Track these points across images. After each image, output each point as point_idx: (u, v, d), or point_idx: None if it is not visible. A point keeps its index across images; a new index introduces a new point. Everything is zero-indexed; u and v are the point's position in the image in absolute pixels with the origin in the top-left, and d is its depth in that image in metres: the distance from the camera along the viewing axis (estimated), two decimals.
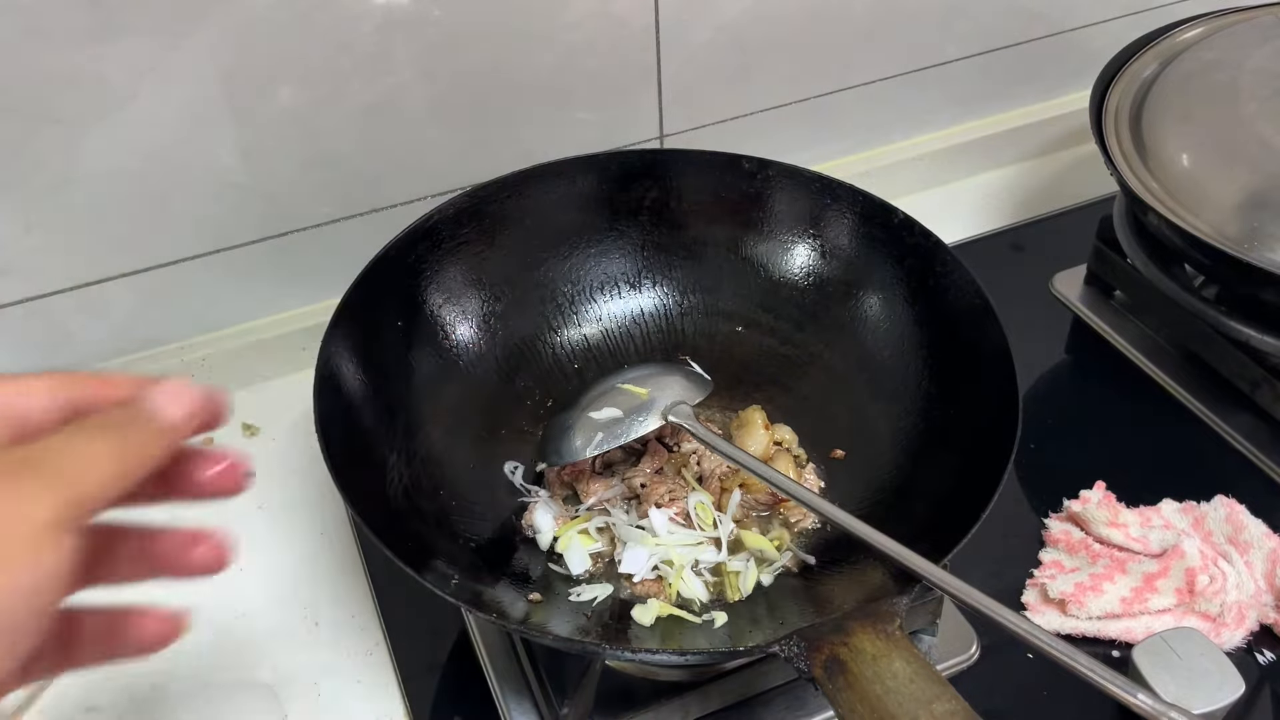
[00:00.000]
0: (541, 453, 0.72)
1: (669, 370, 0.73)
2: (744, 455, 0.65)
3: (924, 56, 0.98)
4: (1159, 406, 0.84)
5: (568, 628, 0.63)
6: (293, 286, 0.87)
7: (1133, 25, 0.96)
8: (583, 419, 0.70)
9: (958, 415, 0.68)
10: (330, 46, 0.76)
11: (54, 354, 0.82)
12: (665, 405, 0.69)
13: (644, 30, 0.85)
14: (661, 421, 0.68)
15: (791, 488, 0.62)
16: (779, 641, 0.52)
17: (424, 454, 0.69)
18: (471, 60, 0.81)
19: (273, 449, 0.84)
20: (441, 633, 0.70)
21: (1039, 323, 0.91)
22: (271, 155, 0.79)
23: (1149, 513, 0.73)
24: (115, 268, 0.80)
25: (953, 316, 0.70)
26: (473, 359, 0.76)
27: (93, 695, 0.68)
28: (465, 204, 0.75)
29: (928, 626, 0.67)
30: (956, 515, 0.58)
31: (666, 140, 0.93)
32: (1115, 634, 0.67)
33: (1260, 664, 0.66)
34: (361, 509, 0.58)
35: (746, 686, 0.65)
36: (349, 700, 0.67)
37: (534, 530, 0.69)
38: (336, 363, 0.66)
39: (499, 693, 0.65)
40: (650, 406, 0.69)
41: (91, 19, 0.68)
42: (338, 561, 0.76)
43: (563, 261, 0.79)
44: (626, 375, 0.72)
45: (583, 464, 0.72)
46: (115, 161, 0.75)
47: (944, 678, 0.49)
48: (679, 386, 0.71)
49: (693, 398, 0.70)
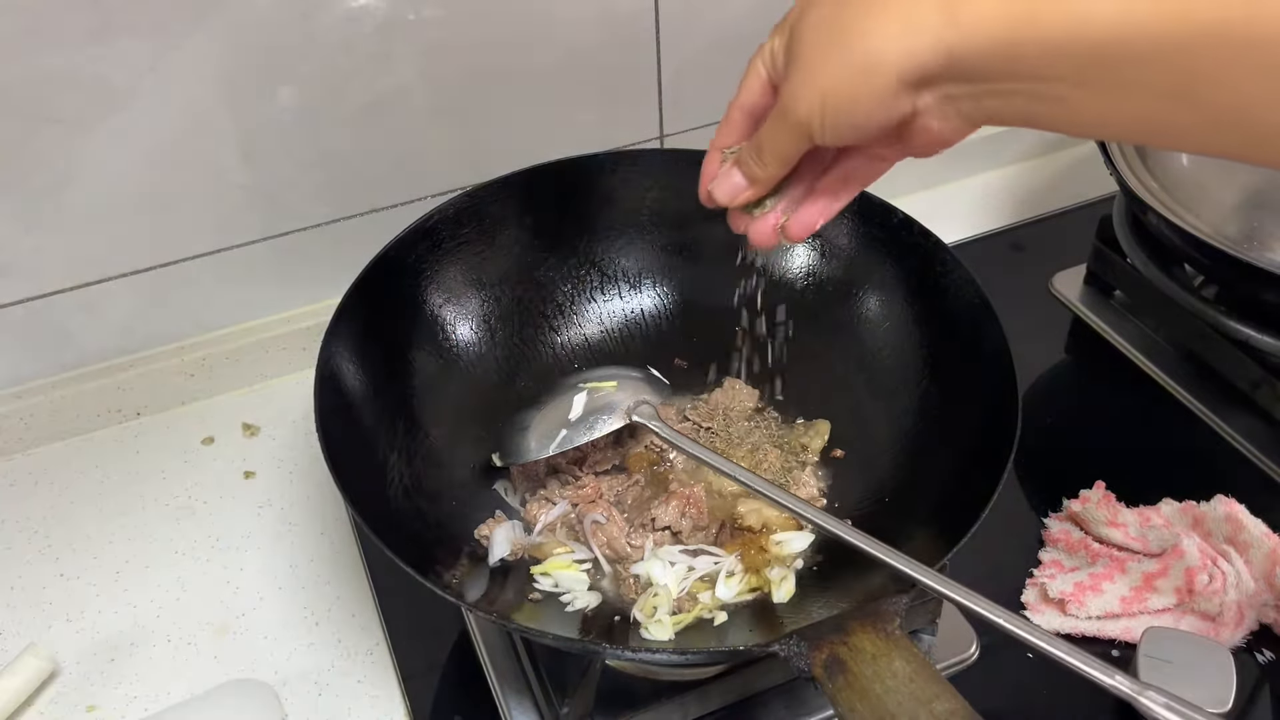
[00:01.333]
0: (500, 449, 0.71)
1: (631, 372, 0.73)
2: (709, 454, 0.64)
3: None
4: (1159, 406, 0.84)
5: (568, 628, 0.63)
6: (293, 286, 0.87)
7: None
8: (544, 417, 0.70)
9: (957, 415, 0.68)
10: (330, 46, 0.76)
11: (54, 354, 0.82)
12: (629, 404, 0.69)
13: (644, 30, 0.85)
14: (625, 420, 0.68)
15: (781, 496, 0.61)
16: (779, 641, 0.52)
17: (424, 454, 0.70)
18: (471, 60, 0.81)
19: (273, 449, 0.84)
20: (441, 633, 0.70)
21: (1039, 323, 0.91)
22: (271, 155, 0.79)
23: (1148, 512, 0.73)
24: (115, 268, 0.80)
25: (952, 316, 0.70)
26: (473, 359, 0.76)
27: (93, 695, 0.68)
28: (465, 204, 0.75)
29: (927, 626, 0.67)
30: (956, 515, 0.58)
31: (666, 140, 0.93)
32: (1115, 633, 0.67)
33: (1260, 663, 0.66)
34: (361, 509, 0.58)
35: (746, 686, 0.65)
36: (349, 700, 0.68)
37: (488, 543, 0.68)
38: (336, 363, 0.66)
39: (499, 693, 0.65)
40: (614, 406, 0.69)
41: (91, 19, 0.68)
42: (338, 561, 0.76)
43: (563, 261, 0.79)
44: (589, 375, 0.73)
45: (533, 467, 0.72)
46: (115, 161, 0.75)
47: (943, 677, 0.49)
48: (642, 387, 0.71)
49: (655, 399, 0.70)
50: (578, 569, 0.66)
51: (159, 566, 0.76)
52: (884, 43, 0.44)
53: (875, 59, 0.44)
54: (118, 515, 0.80)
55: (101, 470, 0.83)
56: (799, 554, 0.67)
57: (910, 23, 0.44)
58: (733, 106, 0.54)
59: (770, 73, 0.51)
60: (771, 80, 0.52)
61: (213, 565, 0.76)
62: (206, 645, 0.71)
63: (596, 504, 0.69)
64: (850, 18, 0.45)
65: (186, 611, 0.73)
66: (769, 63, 0.51)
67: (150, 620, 0.73)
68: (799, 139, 0.49)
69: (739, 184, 0.54)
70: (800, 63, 0.47)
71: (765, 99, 0.52)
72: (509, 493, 0.72)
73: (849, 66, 0.45)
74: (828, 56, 0.46)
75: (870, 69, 0.45)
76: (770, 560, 0.66)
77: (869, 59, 0.45)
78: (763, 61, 0.52)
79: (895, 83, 0.45)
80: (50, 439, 0.84)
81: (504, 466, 0.71)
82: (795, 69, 0.48)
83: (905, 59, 0.44)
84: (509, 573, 0.66)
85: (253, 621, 0.72)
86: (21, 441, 0.84)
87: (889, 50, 0.44)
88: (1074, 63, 0.42)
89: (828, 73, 0.46)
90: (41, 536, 0.78)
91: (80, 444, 0.85)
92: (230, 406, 0.88)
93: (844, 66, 0.45)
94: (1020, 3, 0.42)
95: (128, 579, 0.75)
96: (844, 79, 0.46)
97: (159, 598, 0.74)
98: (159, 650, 0.71)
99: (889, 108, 0.46)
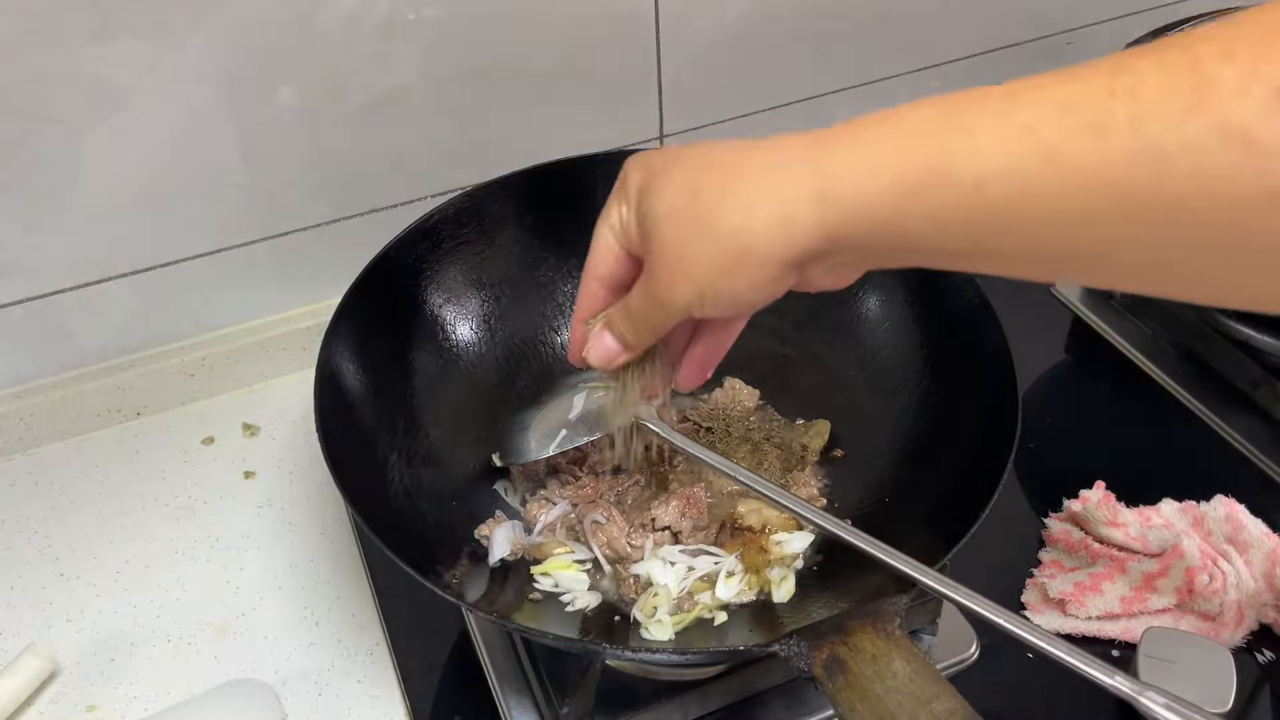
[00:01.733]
0: (500, 450, 0.72)
1: None
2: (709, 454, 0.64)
3: (924, 56, 0.98)
4: (1159, 406, 0.84)
5: (568, 628, 0.63)
6: (293, 286, 0.87)
7: (1133, 25, 0.96)
8: (544, 417, 0.70)
9: (957, 415, 0.68)
10: (330, 46, 0.76)
11: (54, 354, 0.82)
12: None
13: (644, 30, 0.85)
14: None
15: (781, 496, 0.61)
16: (779, 641, 0.52)
17: (424, 454, 0.70)
18: (471, 60, 0.81)
19: (273, 449, 0.84)
20: (441, 633, 0.70)
21: (1039, 323, 0.91)
22: (271, 155, 0.79)
23: (1148, 512, 0.73)
24: (115, 268, 0.80)
25: (952, 316, 0.70)
26: (473, 359, 0.76)
27: (93, 695, 0.68)
28: (465, 204, 0.75)
29: (927, 625, 0.67)
30: (956, 515, 0.58)
31: (666, 140, 0.93)
32: (1115, 633, 0.67)
33: (1260, 663, 0.66)
34: (361, 509, 0.58)
35: (746, 686, 0.65)
36: (349, 700, 0.67)
37: (487, 543, 0.68)
38: (336, 363, 0.66)
39: (499, 693, 0.65)
40: None
41: (91, 19, 0.68)
42: (338, 561, 0.76)
43: (563, 261, 0.79)
44: (589, 375, 0.73)
45: (533, 467, 0.71)
46: (115, 161, 0.75)
47: (944, 677, 0.49)
48: None
49: None
50: (578, 569, 0.66)
51: (159, 566, 0.76)
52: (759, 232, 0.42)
53: (752, 250, 0.42)
54: (118, 515, 0.80)
55: (101, 470, 0.83)
56: (799, 554, 0.67)
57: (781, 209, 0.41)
58: (588, 278, 0.52)
59: (623, 243, 0.50)
60: (625, 249, 0.50)
61: (213, 565, 0.76)
62: (206, 645, 0.71)
63: (596, 504, 0.69)
64: (711, 207, 0.43)
65: (186, 611, 0.73)
66: (620, 235, 0.49)
67: (150, 620, 0.73)
68: (674, 318, 0.48)
69: (612, 348, 0.53)
70: (666, 254, 0.45)
71: (621, 267, 0.51)
72: (509, 493, 0.72)
73: (723, 255, 0.43)
74: (699, 248, 0.44)
75: (747, 258, 0.43)
76: (770, 560, 0.66)
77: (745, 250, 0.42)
78: (612, 233, 0.50)
79: (778, 268, 0.43)
80: (50, 439, 0.85)
81: (504, 466, 0.71)
82: (660, 259, 0.46)
83: (785, 249, 0.42)
84: (509, 573, 0.66)
85: (253, 621, 0.72)
86: (21, 441, 0.84)
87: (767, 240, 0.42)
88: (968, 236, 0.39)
89: (701, 264, 0.44)
90: (41, 536, 0.78)
91: (80, 444, 0.85)
92: (230, 406, 0.88)
93: (719, 256, 0.43)
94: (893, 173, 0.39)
95: (128, 579, 0.75)
96: (720, 268, 0.44)
97: (159, 598, 0.74)
98: (159, 650, 0.71)
99: (772, 288, 0.44)
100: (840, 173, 0.40)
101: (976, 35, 0.99)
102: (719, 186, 0.43)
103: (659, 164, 0.46)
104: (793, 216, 0.41)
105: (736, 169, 0.43)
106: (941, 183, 0.38)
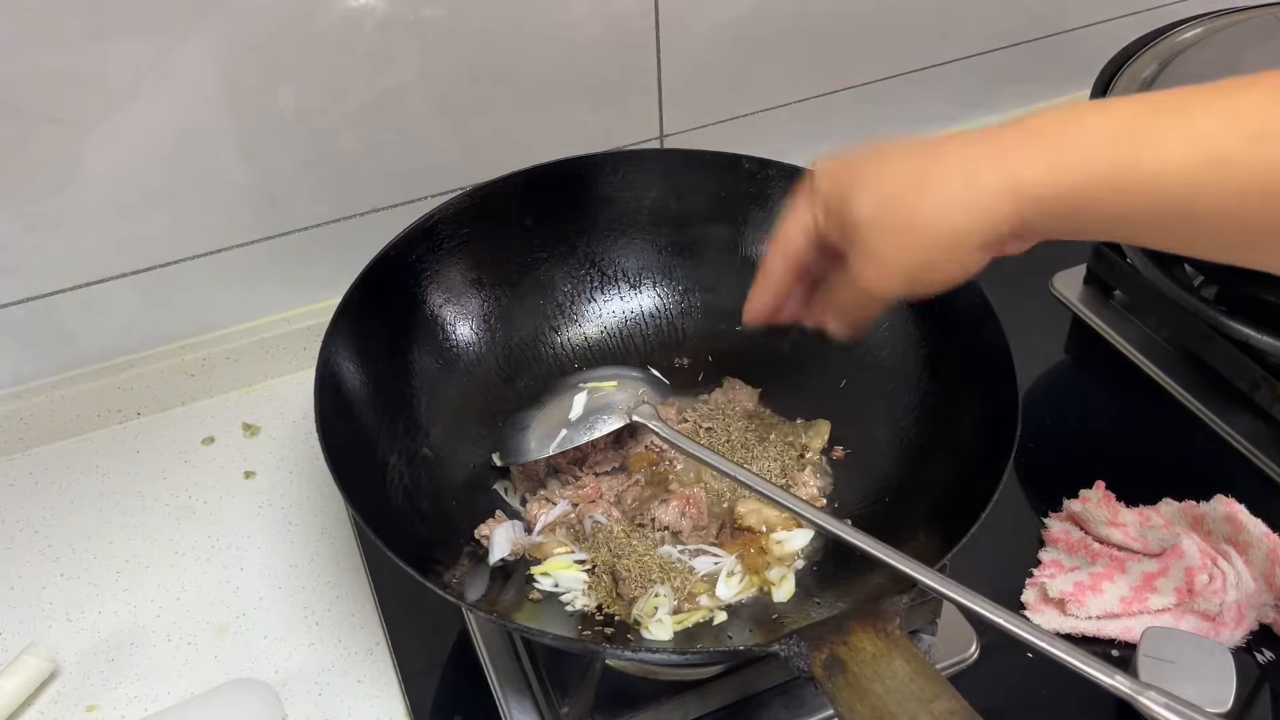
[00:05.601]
0: (500, 449, 0.72)
1: (631, 372, 0.74)
2: (709, 454, 0.64)
3: (923, 56, 0.98)
4: (1159, 406, 0.84)
5: (568, 628, 0.63)
6: (293, 286, 0.87)
7: (1132, 25, 0.96)
8: (544, 417, 0.70)
9: (958, 415, 0.68)
10: (330, 46, 0.76)
11: (54, 354, 0.82)
12: (629, 404, 0.69)
13: (644, 30, 0.85)
14: (625, 420, 0.68)
15: (781, 496, 0.61)
16: (779, 641, 0.52)
17: (424, 454, 0.70)
18: (472, 60, 0.81)
19: (273, 449, 0.84)
20: (441, 633, 0.70)
21: (1039, 323, 0.91)
22: (272, 155, 0.79)
23: (1148, 512, 0.73)
24: (115, 268, 0.80)
25: (952, 316, 0.70)
26: (473, 359, 0.76)
27: (93, 695, 0.68)
28: (465, 204, 0.75)
29: (927, 625, 0.67)
30: (956, 515, 0.58)
31: (666, 140, 0.93)
32: (1115, 633, 0.67)
33: (1260, 663, 0.66)
34: (361, 509, 0.58)
35: (746, 686, 0.65)
36: (349, 700, 0.68)
37: (488, 543, 0.68)
38: (336, 363, 0.66)
39: (499, 693, 0.65)
40: (614, 406, 0.69)
41: (91, 19, 0.68)
42: (338, 561, 0.76)
43: (563, 261, 0.79)
44: (589, 375, 0.73)
45: (533, 467, 0.72)
46: (116, 161, 0.75)
47: (943, 677, 0.49)
48: (642, 387, 0.71)
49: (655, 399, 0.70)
50: (578, 569, 0.66)
51: (159, 566, 0.76)
52: (967, 226, 0.48)
53: (954, 237, 0.49)
54: (118, 515, 0.80)
55: (101, 470, 0.83)
56: (799, 552, 0.67)
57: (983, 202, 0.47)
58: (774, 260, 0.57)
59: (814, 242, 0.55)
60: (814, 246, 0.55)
61: (213, 565, 0.76)
62: (206, 645, 0.71)
63: (596, 504, 0.69)
64: (914, 211, 0.49)
65: (186, 611, 0.73)
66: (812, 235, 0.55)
67: (150, 620, 0.73)
68: (884, 305, 0.55)
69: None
70: (873, 256, 0.51)
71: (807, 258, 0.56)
72: (509, 493, 0.72)
73: (929, 248, 0.49)
74: (906, 251, 0.50)
75: (952, 246, 0.49)
76: (770, 560, 0.66)
77: (950, 238, 0.49)
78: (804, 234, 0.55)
79: (978, 250, 0.49)
80: (50, 439, 0.84)
81: (504, 466, 0.71)
82: (867, 260, 0.51)
83: (988, 235, 0.48)
84: (509, 573, 0.66)
85: (253, 621, 0.72)
86: (21, 441, 0.84)
87: (967, 228, 0.48)
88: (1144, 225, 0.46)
89: (906, 256, 0.50)
90: (41, 536, 0.78)
91: (80, 444, 0.85)
92: (230, 406, 0.88)
93: (927, 251, 0.50)
94: (1083, 174, 0.45)
95: (128, 579, 0.75)
96: (925, 258, 0.50)
97: (159, 598, 0.74)
98: (159, 650, 0.71)
99: (973, 267, 0.50)
100: (1029, 172, 0.46)
101: (976, 35, 0.99)
102: (915, 194, 0.49)
103: (845, 175, 0.52)
104: (995, 209, 0.47)
105: (927, 176, 0.49)
106: (1124, 186, 0.45)
